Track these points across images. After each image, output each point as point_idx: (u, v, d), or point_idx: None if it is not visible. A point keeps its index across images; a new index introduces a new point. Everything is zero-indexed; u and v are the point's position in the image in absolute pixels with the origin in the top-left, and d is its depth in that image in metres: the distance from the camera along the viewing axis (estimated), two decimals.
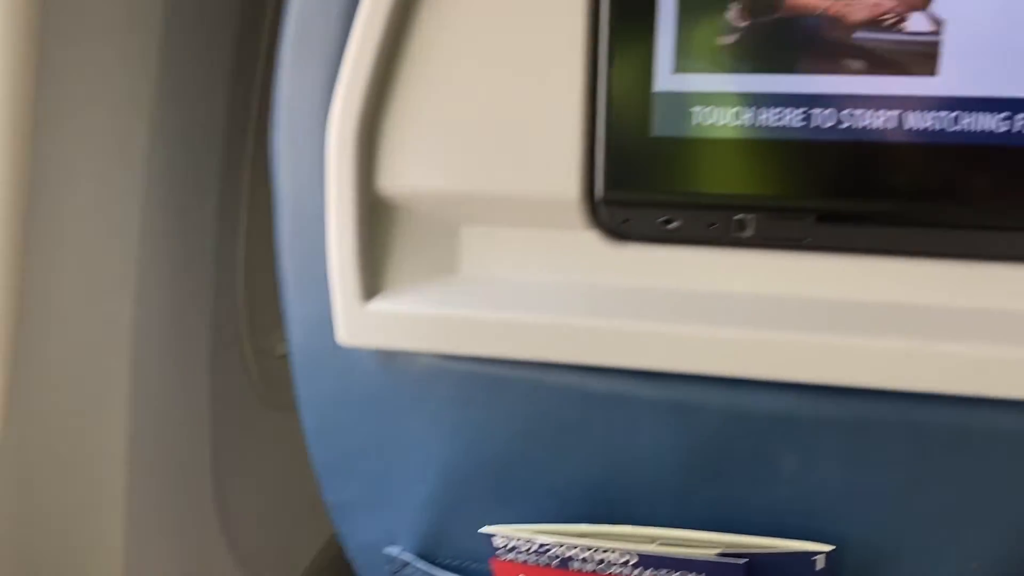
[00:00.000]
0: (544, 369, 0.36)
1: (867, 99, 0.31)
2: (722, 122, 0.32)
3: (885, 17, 0.30)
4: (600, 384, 0.36)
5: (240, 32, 0.56)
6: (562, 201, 0.34)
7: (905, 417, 0.33)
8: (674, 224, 0.34)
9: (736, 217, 0.33)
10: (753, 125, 0.32)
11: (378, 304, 0.37)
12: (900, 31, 0.30)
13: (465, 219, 0.37)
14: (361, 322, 0.37)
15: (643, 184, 0.33)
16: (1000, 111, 0.30)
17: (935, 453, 0.33)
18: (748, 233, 0.34)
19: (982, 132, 0.31)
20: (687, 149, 0.33)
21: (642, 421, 0.36)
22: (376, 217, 0.36)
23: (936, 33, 0.30)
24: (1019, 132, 0.30)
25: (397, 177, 0.35)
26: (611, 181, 0.34)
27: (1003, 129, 0.30)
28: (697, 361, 0.34)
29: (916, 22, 0.30)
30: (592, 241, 0.35)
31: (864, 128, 0.31)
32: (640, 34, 0.32)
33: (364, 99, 0.34)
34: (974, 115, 0.31)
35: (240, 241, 0.61)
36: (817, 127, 0.32)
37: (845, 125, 0.31)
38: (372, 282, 0.37)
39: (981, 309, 0.33)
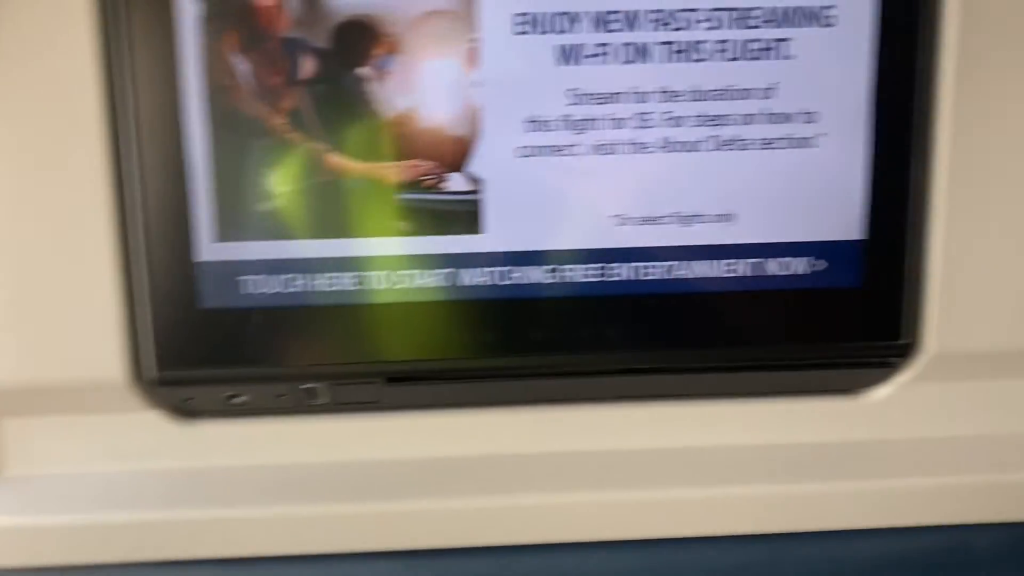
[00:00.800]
0: (121, 569, 0.32)
1: (419, 259, 0.30)
2: (274, 290, 0.30)
3: (425, 178, 0.30)
4: None
5: None
6: (109, 385, 0.30)
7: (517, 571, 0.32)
8: (241, 399, 0.32)
9: (304, 386, 0.31)
10: (305, 291, 0.30)
11: None
12: (441, 191, 0.30)
13: (5, 411, 0.32)
14: None
15: (198, 360, 0.31)
16: (546, 264, 0.31)
17: None
18: (322, 400, 0.32)
19: (533, 284, 0.31)
20: (240, 320, 0.30)
21: None
22: None
23: (476, 192, 0.30)
24: (565, 282, 0.31)
25: None
26: (163, 359, 0.30)
27: (550, 280, 0.31)
28: (279, 543, 0.31)
29: (456, 182, 0.30)
30: (155, 423, 0.32)
31: (420, 288, 0.31)
32: (174, 201, 0.29)
33: None
34: (523, 269, 0.31)
35: None
36: (372, 290, 0.31)
37: (400, 286, 0.31)
38: None
39: (559, 453, 0.33)
